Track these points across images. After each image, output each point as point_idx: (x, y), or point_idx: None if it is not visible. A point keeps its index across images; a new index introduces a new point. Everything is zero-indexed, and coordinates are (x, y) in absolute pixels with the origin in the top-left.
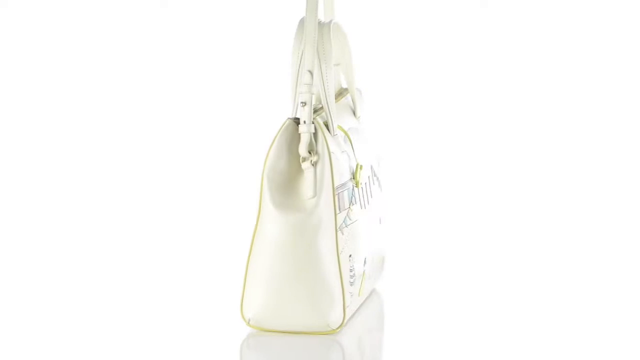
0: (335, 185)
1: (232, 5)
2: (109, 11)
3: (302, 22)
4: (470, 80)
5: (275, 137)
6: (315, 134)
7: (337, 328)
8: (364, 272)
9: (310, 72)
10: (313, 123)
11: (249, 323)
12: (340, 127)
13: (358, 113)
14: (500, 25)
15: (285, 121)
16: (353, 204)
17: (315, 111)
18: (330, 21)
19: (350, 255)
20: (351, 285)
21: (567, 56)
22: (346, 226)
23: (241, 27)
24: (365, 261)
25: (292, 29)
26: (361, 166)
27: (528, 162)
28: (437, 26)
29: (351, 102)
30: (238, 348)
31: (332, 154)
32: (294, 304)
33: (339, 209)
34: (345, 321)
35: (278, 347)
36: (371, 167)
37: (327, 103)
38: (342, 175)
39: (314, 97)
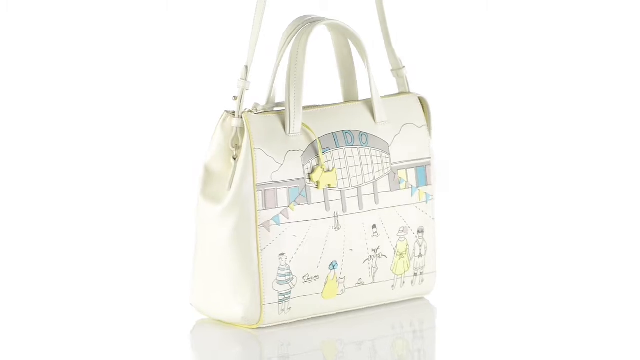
0: (259, 182)
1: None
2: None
3: (293, 22)
4: (477, 81)
5: (215, 129)
6: (242, 129)
7: (256, 324)
8: (333, 275)
9: (246, 67)
10: (241, 117)
11: (193, 308)
12: (306, 127)
13: (378, 118)
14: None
15: (222, 114)
16: (300, 204)
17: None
18: (316, 22)
19: (282, 254)
20: (280, 284)
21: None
22: (277, 224)
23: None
24: (334, 265)
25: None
26: (329, 169)
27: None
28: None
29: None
30: (188, 332)
31: (255, 150)
32: (219, 294)
33: (264, 206)
34: (263, 318)
35: (213, 334)
36: (391, 173)
37: (288, 102)
38: (277, 174)
39: (246, 91)
